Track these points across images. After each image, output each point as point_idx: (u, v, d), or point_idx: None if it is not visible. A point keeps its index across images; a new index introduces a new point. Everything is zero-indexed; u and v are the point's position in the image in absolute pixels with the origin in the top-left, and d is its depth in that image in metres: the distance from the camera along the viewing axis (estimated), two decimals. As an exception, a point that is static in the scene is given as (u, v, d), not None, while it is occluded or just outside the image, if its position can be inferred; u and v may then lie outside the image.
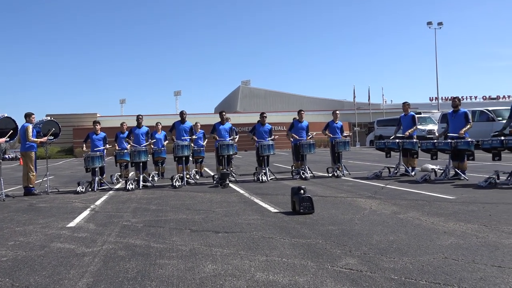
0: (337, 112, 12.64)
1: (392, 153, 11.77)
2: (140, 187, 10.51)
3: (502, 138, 8.71)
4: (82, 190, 9.98)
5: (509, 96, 56.09)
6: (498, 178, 8.47)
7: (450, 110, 10.40)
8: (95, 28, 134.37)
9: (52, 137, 10.58)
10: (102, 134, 11.43)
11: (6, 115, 9.50)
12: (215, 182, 10.73)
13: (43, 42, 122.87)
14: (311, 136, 12.15)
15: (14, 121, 9.61)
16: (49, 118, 11.31)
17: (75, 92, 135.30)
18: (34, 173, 10.00)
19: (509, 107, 9.40)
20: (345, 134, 12.41)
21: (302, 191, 6.34)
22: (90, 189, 10.42)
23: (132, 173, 13.35)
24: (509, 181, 8.37)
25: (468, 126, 9.82)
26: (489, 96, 57.62)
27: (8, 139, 9.43)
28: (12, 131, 9.47)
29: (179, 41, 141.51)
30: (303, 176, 11.11)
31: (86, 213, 7.13)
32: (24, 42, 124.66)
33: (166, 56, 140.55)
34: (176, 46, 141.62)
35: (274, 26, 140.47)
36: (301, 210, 6.16)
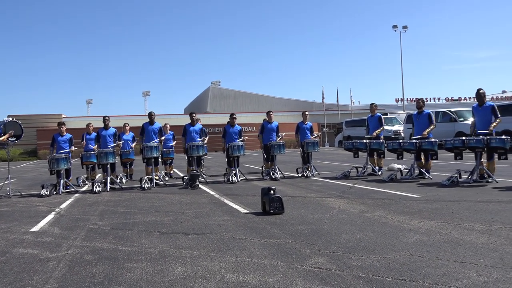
0: (307, 113, 12.78)
1: (360, 153, 12.04)
2: (108, 190, 10.29)
3: (464, 138, 9.05)
4: (46, 193, 9.67)
5: (470, 98, 58.29)
6: (460, 177, 8.80)
7: (415, 111, 10.72)
8: (60, 28, 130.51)
9: (14, 139, 10.20)
10: (68, 136, 11.10)
11: None
12: (184, 183, 10.64)
13: (5, 41, 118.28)
14: (281, 137, 12.24)
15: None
16: (10, 119, 10.90)
17: (39, 92, 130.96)
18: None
19: (471, 109, 9.78)
20: (314, 135, 12.57)
21: (272, 191, 6.37)
22: (55, 192, 10.11)
23: (99, 175, 13.04)
24: (470, 179, 8.71)
25: (432, 127, 10.15)
26: (452, 98, 59.70)
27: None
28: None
29: (148, 40, 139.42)
30: (273, 177, 11.18)
31: (50, 217, 6.91)
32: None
33: (135, 55, 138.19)
34: (145, 45, 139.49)
35: (243, 27, 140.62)
36: (271, 211, 6.20)
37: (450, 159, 12.57)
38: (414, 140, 10.02)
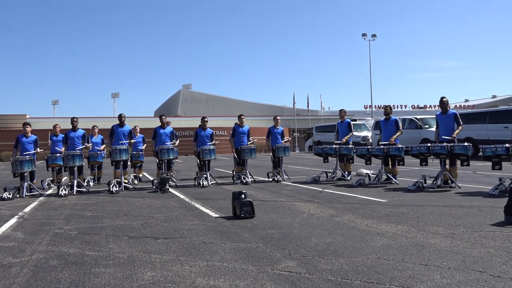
0: (278, 117, 12.88)
1: (330, 158, 12.23)
2: (74, 193, 10.01)
3: (429, 144, 9.35)
4: (8, 196, 9.31)
5: (435, 106, 60.22)
6: (425, 182, 9.08)
7: (383, 117, 10.99)
8: (25, 24, 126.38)
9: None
10: (33, 137, 10.75)
11: None
12: (154, 187, 10.50)
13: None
14: (252, 141, 12.27)
15: None
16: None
17: (1, 91, 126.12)
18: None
19: (434, 116, 10.12)
20: (285, 139, 12.66)
21: (243, 195, 6.38)
22: (18, 195, 9.75)
23: (65, 178, 12.68)
24: (434, 185, 9.00)
25: (398, 133, 10.44)
26: (418, 105, 61.49)
27: None
28: None
29: (117, 40, 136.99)
30: (244, 181, 11.19)
31: (13, 221, 6.67)
32: None
33: (103, 55, 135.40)
34: (114, 46, 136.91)
35: (216, 31, 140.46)
36: (242, 215, 6.21)
37: (416, 165, 12.95)
38: (382, 146, 10.27)
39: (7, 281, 3.67)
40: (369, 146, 11.09)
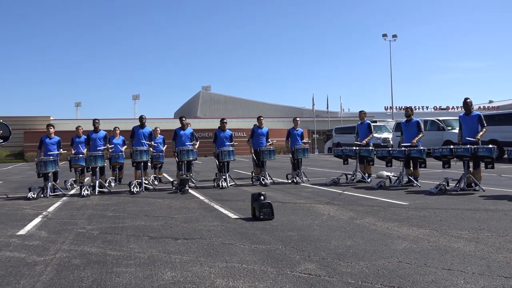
0: (298, 119, 12.84)
1: (349, 160, 12.11)
2: (96, 193, 10.20)
3: (451, 146, 9.17)
4: (33, 196, 9.55)
5: (457, 107, 59.08)
6: (448, 185, 8.90)
7: (404, 119, 10.83)
8: (49, 29, 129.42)
9: (1, 140, 10.08)
10: (56, 138, 11.00)
11: None
12: (174, 188, 10.59)
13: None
14: (271, 142, 12.27)
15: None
16: (0, 120, 10.77)
17: (26, 93, 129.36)
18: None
19: (458, 118, 9.91)
20: (304, 141, 12.61)
21: (262, 197, 6.38)
22: (42, 195, 9.98)
23: (87, 178, 12.92)
24: (457, 187, 8.81)
25: (421, 135, 10.27)
26: (440, 107, 60.42)
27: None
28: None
29: (137, 44, 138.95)
30: (263, 182, 11.18)
31: (37, 220, 6.83)
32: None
33: (125, 58, 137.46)
34: (135, 48, 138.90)
35: (235, 32, 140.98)
36: (261, 216, 6.20)
37: (438, 167, 12.72)
38: (403, 148, 10.12)
39: (32, 279, 3.76)
40: (390, 148, 10.94)
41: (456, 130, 14.94)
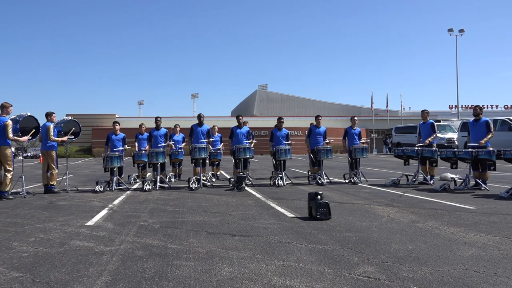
0: (355, 118, 12.56)
1: (411, 161, 11.64)
2: (157, 188, 10.60)
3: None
4: (100, 189, 10.12)
5: (531, 106, 54.87)
6: (520, 189, 8.28)
7: (471, 118, 10.23)
8: (111, 28, 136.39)
9: (73, 136, 10.77)
10: (121, 135, 11.59)
11: (29, 114, 9.70)
12: (231, 185, 10.76)
13: (60, 41, 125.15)
14: (328, 141, 12.10)
15: (36, 120, 9.81)
16: (70, 117, 11.52)
17: (93, 92, 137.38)
18: (56, 171, 10.19)
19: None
20: (362, 141, 12.31)
21: (319, 196, 6.31)
22: (108, 189, 10.55)
23: (149, 174, 13.47)
24: (531, 192, 8.18)
25: (490, 136, 9.64)
26: (511, 105, 56.46)
27: (30, 138, 9.62)
28: (34, 130, 9.67)
29: (197, 43, 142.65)
30: (320, 182, 11.06)
31: (104, 212, 7.23)
32: (40, 39, 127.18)
33: (184, 58, 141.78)
34: (194, 48, 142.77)
35: (292, 31, 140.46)
36: (318, 216, 6.13)
37: (509, 170, 11.88)
38: (470, 149, 9.56)
39: (100, 267, 3.98)
40: (456, 149, 10.37)
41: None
